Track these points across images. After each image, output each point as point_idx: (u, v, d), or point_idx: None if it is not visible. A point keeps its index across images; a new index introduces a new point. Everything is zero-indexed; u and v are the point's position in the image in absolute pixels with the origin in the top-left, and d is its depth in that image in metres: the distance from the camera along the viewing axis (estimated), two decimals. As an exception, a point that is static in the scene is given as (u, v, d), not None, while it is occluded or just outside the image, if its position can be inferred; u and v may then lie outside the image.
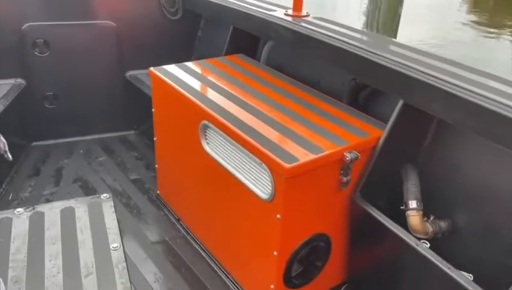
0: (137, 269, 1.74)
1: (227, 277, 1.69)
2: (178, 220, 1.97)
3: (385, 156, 1.40)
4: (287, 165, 1.23)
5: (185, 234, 1.91)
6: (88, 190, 2.14)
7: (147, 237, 1.89)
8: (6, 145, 0.88)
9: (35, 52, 2.33)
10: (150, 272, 1.73)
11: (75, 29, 2.37)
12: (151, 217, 2.01)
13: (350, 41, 1.58)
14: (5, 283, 1.27)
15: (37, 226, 1.53)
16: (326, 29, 1.73)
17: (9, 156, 0.87)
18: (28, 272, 1.33)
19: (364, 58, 1.49)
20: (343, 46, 1.57)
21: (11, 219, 1.55)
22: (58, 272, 1.35)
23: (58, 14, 2.33)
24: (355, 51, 1.52)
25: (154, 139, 1.98)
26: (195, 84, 1.72)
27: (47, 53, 2.34)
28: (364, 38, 1.68)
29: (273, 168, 1.28)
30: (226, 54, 2.14)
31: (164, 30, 2.53)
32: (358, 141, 1.38)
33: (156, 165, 2.04)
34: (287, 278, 1.44)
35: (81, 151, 2.46)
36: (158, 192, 2.10)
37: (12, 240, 1.47)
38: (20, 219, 1.56)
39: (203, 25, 2.59)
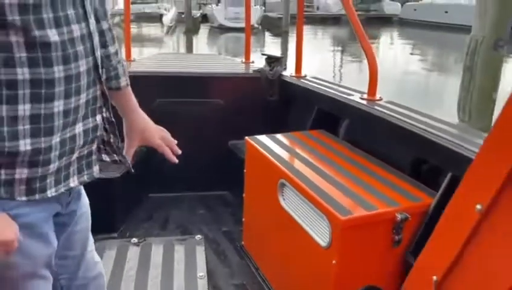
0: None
1: None
2: (257, 269, 2.25)
3: (434, 221, 1.57)
4: (343, 217, 1.49)
5: (261, 281, 2.17)
6: (186, 234, 2.56)
7: (228, 278, 2.20)
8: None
9: (160, 122, 2.94)
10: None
11: (192, 105, 2.95)
12: (234, 263, 2.32)
13: (412, 122, 1.85)
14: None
15: (145, 253, 1.95)
16: (394, 111, 2.02)
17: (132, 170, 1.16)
18: (135, 286, 1.73)
19: (423, 137, 1.73)
20: (405, 126, 1.84)
21: (128, 246, 2.00)
22: (157, 289, 1.73)
23: (180, 93, 2.94)
24: (416, 131, 1.78)
25: (243, 196, 2.35)
26: (279, 150, 2.09)
27: (169, 123, 2.94)
28: (423, 119, 1.93)
29: (331, 219, 1.54)
30: (309, 129, 2.50)
31: (262, 107, 3.00)
32: (409, 204, 1.59)
33: (243, 219, 2.39)
34: (341, 323, 1.62)
35: (186, 204, 2.93)
36: (243, 243, 2.43)
37: (127, 260, 1.90)
38: (134, 246, 2.00)
39: (293, 105, 3.02)
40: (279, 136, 2.31)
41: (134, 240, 2.01)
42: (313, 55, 14.27)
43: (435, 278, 1.31)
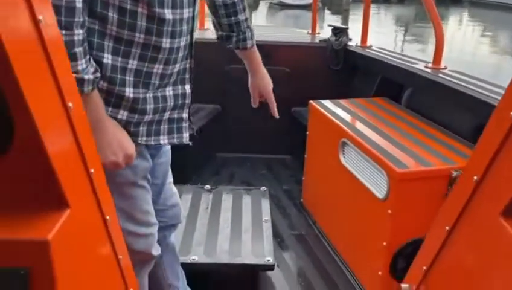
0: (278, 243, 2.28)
1: (343, 263, 2.09)
2: (314, 222, 2.44)
3: None
4: (400, 170, 1.63)
5: (318, 233, 2.37)
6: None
7: (287, 229, 2.41)
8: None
9: (231, 87, 3.16)
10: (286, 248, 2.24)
11: None
12: (293, 217, 2.53)
13: (477, 90, 1.92)
14: (194, 230, 1.92)
15: (217, 198, 2.19)
16: (458, 79, 2.09)
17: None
18: (209, 224, 1.97)
19: (488, 103, 1.80)
20: (470, 93, 1.91)
21: (201, 192, 2.25)
22: (227, 227, 1.96)
23: None
24: (481, 98, 1.85)
25: (305, 156, 2.53)
26: (341, 113, 2.24)
27: (238, 88, 3.15)
28: (489, 87, 1.98)
29: (389, 172, 1.68)
30: (372, 97, 2.62)
31: (325, 76, 3.13)
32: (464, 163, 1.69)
33: (303, 178, 2.57)
34: (393, 269, 1.77)
35: (249, 164, 3.16)
36: (302, 200, 2.62)
37: (201, 203, 2.15)
38: (207, 192, 2.25)
39: (357, 74, 3.11)
40: (342, 101, 2.45)
41: (207, 187, 2.26)
42: (377, 32, 13.93)
43: None
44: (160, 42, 1.09)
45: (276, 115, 1.53)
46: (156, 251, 1.34)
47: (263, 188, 2.29)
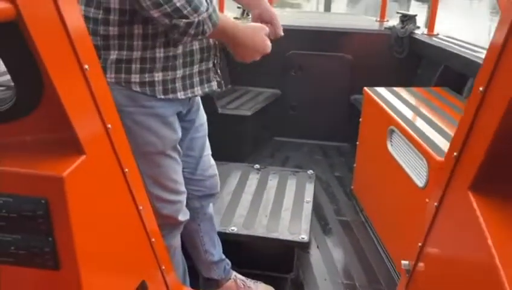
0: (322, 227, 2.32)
1: (385, 253, 2.08)
2: (361, 210, 2.44)
3: None
4: (439, 158, 1.59)
5: (364, 221, 2.37)
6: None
7: (333, 214, 2.44)
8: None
9: (292, 73, 3.22)
10: (329, 232, 2.28)
11: (322, 58, 3.16)
12: (341, 203, 2.55)
13: None
14: (237, 204, 2.04)
15: (264, 177, 2.29)
16: None
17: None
18: (252, 200, 2.07)
19: None
20: None
21: (250, 170, 2.35)
22: (269, 204, 2.05)
23: (312, 46, 3.17)
24: None
25: (357, 143, 2.52)
26: (394, 100, 2.20)
27: (299, 74, 3.21)
28: None
29: (429, 159, 1.65)
30: (433, 86, 2.53)
31: (389, 64, 3.06)
32: None
33: (354, 165, 2.57)
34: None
35: (305, 149, 3.21)
36: (352, 187, 2.62)
37: (248, 180, 2.26)
38: (256, 170, 2.35)
39: (421, 63, 3.01)
40: (398, 89, 2.40)
41: (257, 166, 2.36)
42: (462, 20, 13.00)
43: None
44: None
45: (280, 34, 1.45)
46: (183, 216, 1.45)
47: (310, 171, 2.34)
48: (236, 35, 1.22)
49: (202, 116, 1.52)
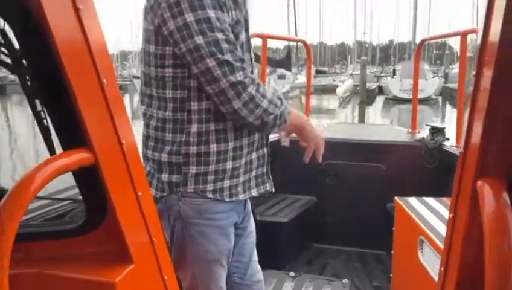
0: None
1: None
2: None
3: None
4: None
5: None
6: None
7: None
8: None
9: (327, 180, 3.34)
10: None
11: (357, 168, 3.29)
12: None
13: None
14: None
15: (299, 286, 2.29)
16: None
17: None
18: None
19: None
20: None
21: (285, 278, 2.37)
22: None
23: (347, 157, 3.32)
24: None
25: (392, 252, 2.52)
26: (423, 210, 2.25)
27: (334, 182, 3.33)
28: None
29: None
30: None
31: (420, 174, 3.13)
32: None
33: (391, 275, 2.53)
34: None
35: (343, 256, 3.20)
36: (388, 298, 2.56)
37: (282, 289, 2.26)
38: (290, 279, 2.37)
39: (451, 173, 3.05)
40: (427, 199, 2.45)
41: (292, 273, 2.39)
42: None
43: None
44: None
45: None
46: None
47: (345, 280, 2.33)
48: (301, 119, 1.46)
49: (252, 223, 1.65)
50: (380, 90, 29.61)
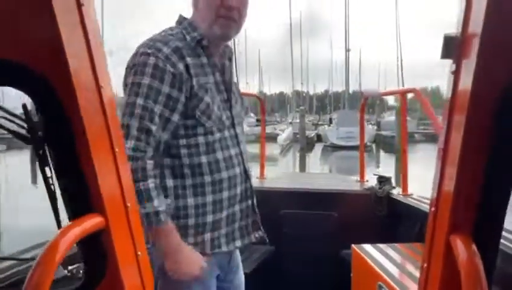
0: None
1: None
2: None
3: None
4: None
5: None
6: None
7: None
8: None
9: (284, 230, 3.43)
10: None
11: (311, 216, 3.43)
12: None
13: None
14: None
15: None
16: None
17: None
18: None
19: None
20: None
21: None
22: None
23: (302, 206, 3.46)
24: None
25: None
26: (380, 257, 2.41)
27: (291, 231, 3.43)
28: None
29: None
30: (413, 243, 2.75)
31: (371, 221, 3.32)
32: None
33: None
34: None
35: None
36: None
37: None
38: None
39: (400, 220, 3.29)
40: (383, 246, 2.62)
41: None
42: (425, 172, 13.98)
43: None
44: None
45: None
46: None
47: None
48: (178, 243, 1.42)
49: (241, 277, 1.70)
50: (318, 138, 30.87)
